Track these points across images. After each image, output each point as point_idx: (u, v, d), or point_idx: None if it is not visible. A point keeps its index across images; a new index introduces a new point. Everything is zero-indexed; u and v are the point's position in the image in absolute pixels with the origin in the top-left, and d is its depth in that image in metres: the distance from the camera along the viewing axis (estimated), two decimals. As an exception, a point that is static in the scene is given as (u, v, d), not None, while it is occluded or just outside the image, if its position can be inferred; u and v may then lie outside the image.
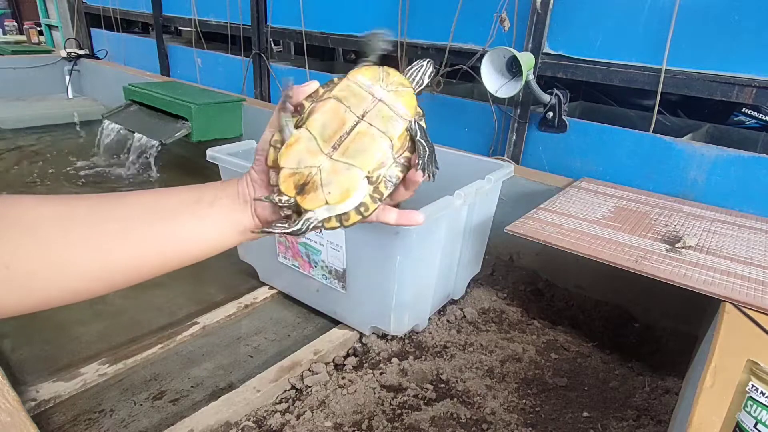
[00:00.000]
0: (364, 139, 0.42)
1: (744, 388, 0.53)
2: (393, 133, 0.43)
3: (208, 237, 0.44)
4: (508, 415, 1.07)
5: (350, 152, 0.42)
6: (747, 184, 1.36)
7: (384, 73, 0.45)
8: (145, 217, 0.42)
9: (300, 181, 0.42)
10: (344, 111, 0.43)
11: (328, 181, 0.42)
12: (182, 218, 0.43)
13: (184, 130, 2.35)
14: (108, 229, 0.40)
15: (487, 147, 1.84)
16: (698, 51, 1.37)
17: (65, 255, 0.38)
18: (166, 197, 0.44)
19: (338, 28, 2.21)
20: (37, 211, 0.39)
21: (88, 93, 3.93)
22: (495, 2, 1.63)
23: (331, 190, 0.41)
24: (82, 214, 0.40)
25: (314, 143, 0.42)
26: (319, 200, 0.41)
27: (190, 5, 2.94)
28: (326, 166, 0.42)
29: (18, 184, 2.37)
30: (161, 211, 0.43)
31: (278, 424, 1.03)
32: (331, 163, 0.42)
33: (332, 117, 0.43)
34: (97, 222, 0.40)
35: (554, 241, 1.08)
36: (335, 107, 0.43)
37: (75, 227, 0.39)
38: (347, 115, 0.43)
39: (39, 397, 1.06)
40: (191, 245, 0.44)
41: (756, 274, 1.01)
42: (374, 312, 1.24)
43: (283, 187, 0.42)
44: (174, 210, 0.43)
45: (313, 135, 0.43)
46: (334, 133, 0.42)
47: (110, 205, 0.42)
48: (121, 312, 1.40)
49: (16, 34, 4.98)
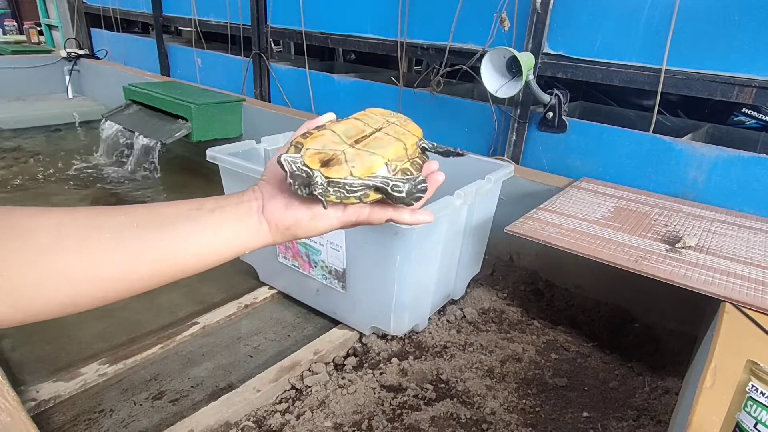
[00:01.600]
0: (382, 140, 0.48)
1: (744, 388, 0.53)
2: (406, 141, 0.49)
3: (208, 243, 0.43)
4: (508, 415, 1.07)
5: (371, 146, 0.47)
6: (747, 184, 1.36)
7: (393, 113, 0.53)
8: (140, 226, 0.41)
9: (325, 158, 0.44)
10: (363, 125, 0.49)
11: (352, 158, 0.45)
12: (181, 226, 0.42)
13: (184, 130, 2.35)
14: (101, 239, 0.39)
15: (487, 147, 1.84)
16: (698, 51, 1.37)
17: (58, 263, 0.37)
18: (165, 207, 0.44)
19: (338, 28, 2.21)
20: (32, 220, 0.38)
21: (88, 93, 3.93)
22: (495, 2, 1.63)
23: (356, 165, 0.44)
24: (76, 224, 0.39)
25: (338, 137, 0.47)
26: (343, 171, 0.44)
27: (190, 5, 2.94)
28: (350, 151, 0.46)
29: (18, 184, 2.37)
30: (158, 221, 0.42)
31: (278, 424, 1.03)
32: (355, 150, 0.46)
33: (352, 126, 0.49)
34: (91, 231, 0.39)
35: (554, 241, 1.08)
36: (354, 122, 0.50)
37: (68, 236, 0.38)
38: (365, 127, 0.49)
39: (39, 397, 1.06)
40: (189, 253, 0.43)
41: (756, 274, 1.01)
42: (374, 312, 1.24)
43: (308, 160, 0.44)
44: (172, 219, 0.42)
45: (337, 132, 0.47)
46: (356, 134, 0.48)
47: (106, 215, 0.41)
48: (121, 312, 1.40)
49: (16, 34, 4.98)
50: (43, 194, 2.27)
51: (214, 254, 0.44)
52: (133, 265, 0.40)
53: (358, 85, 2.24)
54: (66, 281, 0.38)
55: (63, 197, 2.26)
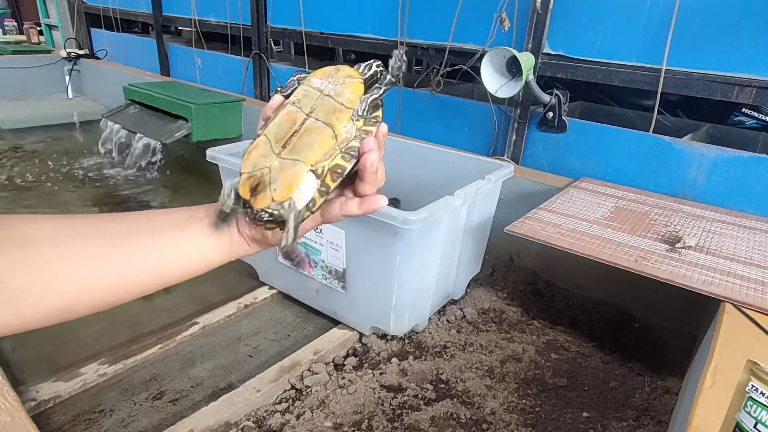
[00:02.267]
0: (310, 135, 0.44)
1: (744, 388, 0.53)
2: (335, 123, 0.44)
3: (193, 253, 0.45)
4: (508, 415, 1.07)
5: (296, 149, 0.44)
6: (747, 184, 1.36)
7: (334, 69, 0.48)
8: (135, 233, 0.42)
9: (254, 183, 0.43)
10: (296, 111, 0.45)
11: (275, 178, 0.43)
12: (171, 235, 0.44)
13: (184, 130, 2.35)
14: (98, 244, 0.40)
15: (487, 147, 1.84)
16: (698, 51, 1.37)
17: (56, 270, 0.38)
18: (159, 215, 0.45)
19: (338, 28, 2.21)
20: (32, 227, 0.39)
21: (88, 93, 3.93)
22: (495, 2, 1.63)
23: (277, 187, 0.42)
24: (73, 232, 0.40)
25: (268, 146, 0.44)
26: (267, 198, 0.42)
27: (190, 5, 2.94)
28: (275, 165, 0.43)
29: (18, 184, 2.37)
30: (152, 228, 0.43)
31: (278, 424, 1.03)
32: (279, 162, 0.43)
33: (286, 119, 0.45)
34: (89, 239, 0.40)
35: (554, 241, 1.08)
36: (289, 110, 0.45)
37: (66, 242, 0.39)
38: (297, 114, 0.45)
39: (39, 397, 1.06)
40: (178, 261, 0.44)
41: (756, 274, 1.01)
42: (374, 312, 1.24)
43: (242, 191, 0.43)
44: (164, 227, 0.44)
45: (268, 139, 0.44)
46: (285, 134, 0.44)
47: (103, 223, 0.43)
48: (121, 312, 1.40)
49: (16, 34, 4.97)
50: (43, 194, 2.27)
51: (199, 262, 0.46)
52: (130, 271, 0.41)
53: (358, 85, 2.24)
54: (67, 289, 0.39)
55: (63, 197, 2.26)
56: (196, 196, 2.42)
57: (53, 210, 2.13)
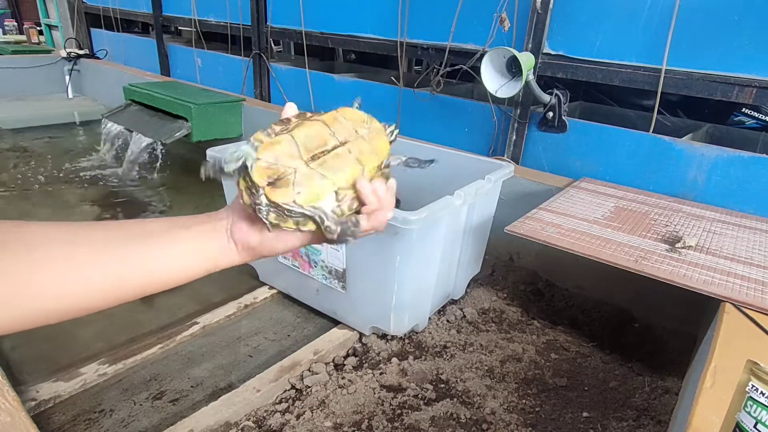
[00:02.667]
0: (342, 160, 0.44)
1: (744, 388, 0.53)
2: (366, 164, 0.46)
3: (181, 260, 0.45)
4: (508, 415, 1.07)
5: (327, 166, 0.44)
6: (747, 184, 1.36)
7: (368, 118, 0.49)
8: (124, 239, 0.43)
9: (273, 175, 0.42)
10: (329, 134, 0.45)
11: (301, 182, 0.42)
12: (160, 241, 0.44)
13: (184, 130, 2.35)
14: (85, 251, 0.41)
15: (487, 147, 1.84)
16: (698, 51, 1.37)
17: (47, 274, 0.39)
18: (151, 222, 0.46)
19: (338, 28, 2.21)
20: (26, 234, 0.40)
21: (88, 93, 3.93)
22: (495, 2, 1.63)
23: (302, 191, 0.42)
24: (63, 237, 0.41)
25: (295, 148, 0.43)
26: (288, 196, 0.42)
27: (190, 5, 2.94)
28: (304, 171, 0.43)
29: (18, 184, 2.37)
30: (141, 234, 0.44)
31: (278, 424, 1.03)
32: (307, 170, 0.43)
33: (316, 133, 0.45)
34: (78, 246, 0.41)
35: (554, 241, 1.08)
36: (321, 127, 0.45)
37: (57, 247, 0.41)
38: (330, 138, 0.45)
39: (39, 397, 1.06)
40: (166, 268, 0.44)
41: (756, 274, 1.01)
42: (374, 312, 1.24)
43: (255, 175, 0.41)
44: (154, 233, 0.44)
45: (296, 141, 0.44)
46: (316, 147, 0.44)
47: (92, 229, 0.43)
48: (121, 312, 1.40)
49: (16, 34, 4.98)
50: (43, 194, 2.27)
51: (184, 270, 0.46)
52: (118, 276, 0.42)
53: (358, 85, 2.24)
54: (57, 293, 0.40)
55: (63, 197, 2.26)
56: (195, 196, 2.42)
57: (53, 210, 2.13)
